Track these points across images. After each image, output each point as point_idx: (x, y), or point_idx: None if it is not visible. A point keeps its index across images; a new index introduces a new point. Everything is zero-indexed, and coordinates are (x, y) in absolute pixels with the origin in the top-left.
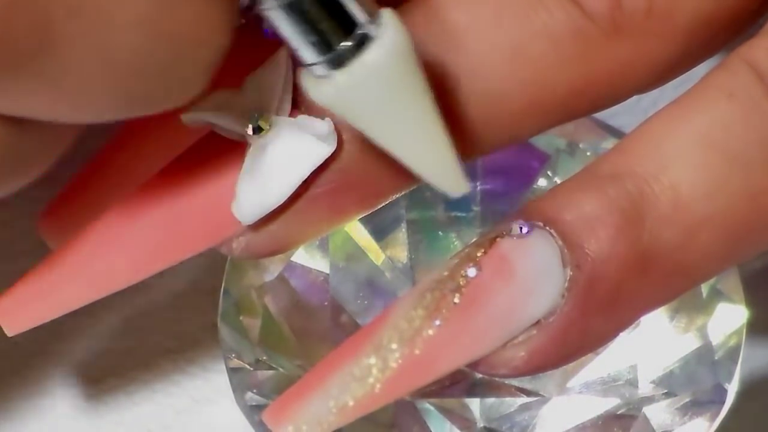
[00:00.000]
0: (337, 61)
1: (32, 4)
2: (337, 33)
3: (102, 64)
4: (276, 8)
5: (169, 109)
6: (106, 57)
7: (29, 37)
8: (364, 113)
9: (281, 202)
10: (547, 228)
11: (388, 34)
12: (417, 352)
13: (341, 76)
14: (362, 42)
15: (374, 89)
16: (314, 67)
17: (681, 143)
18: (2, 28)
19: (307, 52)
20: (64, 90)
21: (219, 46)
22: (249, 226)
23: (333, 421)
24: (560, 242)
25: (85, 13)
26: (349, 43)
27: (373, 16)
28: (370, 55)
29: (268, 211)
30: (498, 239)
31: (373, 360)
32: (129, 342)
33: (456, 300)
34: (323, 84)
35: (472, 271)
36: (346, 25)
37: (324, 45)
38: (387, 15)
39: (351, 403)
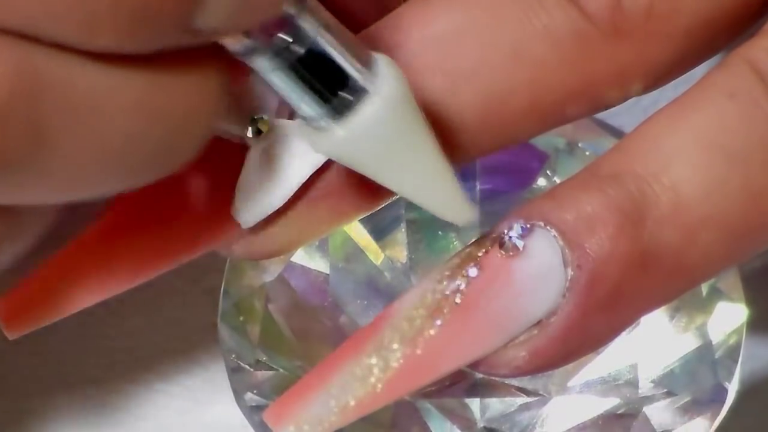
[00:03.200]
0: (336, 115)
1: (24, 106)
2: (333, 88)
3: (96, 152)
4: (270, 69)
5: (163, 176)
6: (100, 146)
7: (23, 138)
8: (367, 162)
9: (281, 205)
10: (548, 228)
11: (385, 85)
12: (418, 351)
13: (341, 130)
14: (360, 94)
15: (375, 141)
16: (313, 120)
17: (681, 143)
18: None
19: (304, 108)
20: (57, 180)
21: (213, 112)
22: (249, 228)
23: (334, 420)
24: (561, 242)
25: (76, 108)
26: (346, 97)
27: (368, 65)
28: (369, 109)
29: (268, 214)
30: (499, 239)
31: (374, 360)
32: (129, 342)
33: (457, 300)
34: (323, 136)
35: (473, 271)
36: (342, 78)
37: (321, 100)
38: (383, 62)
39: (352, 403)
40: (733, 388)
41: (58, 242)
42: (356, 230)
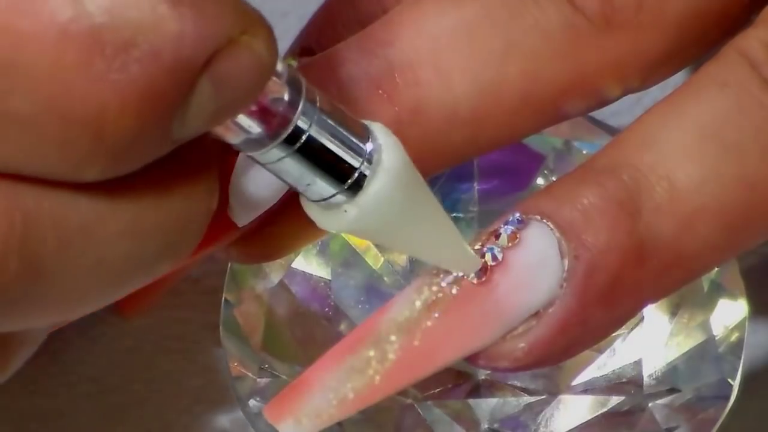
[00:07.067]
0: (342, 197)
1: (17, 245)
2: (336, 171)
3: (93, 276)
4: (271, 160)
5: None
6: (96, 270)
7: (20, 276)
8: (377, 233)
9: (274, 203)
10: (545, 221)
11: (385, 158)
12: (416, 343)
13: (351, 209)
14: (363, 172)
15: (383, 214)
16: (318, 202)
17: (676, 134)
18: None
19: (307, 193)
20: (55, 305)
21: (207, 212)
22: (247, 230)
23: (333, 413)
24: (558, 234)
25: (69, 239)
26: (350, 178)
27: (365, 137)
28: (375, 185)
29: (261, 212)
30: (496, 233)
31: (372, 352)
32: (129, 342)
33: (454, 291)
34: (331, 216)
35: None
36: (345, 161)
37: (324, 185)
38: (379, 132)
39: (351, 396)
40: (736, 384)
41: None
42: None
